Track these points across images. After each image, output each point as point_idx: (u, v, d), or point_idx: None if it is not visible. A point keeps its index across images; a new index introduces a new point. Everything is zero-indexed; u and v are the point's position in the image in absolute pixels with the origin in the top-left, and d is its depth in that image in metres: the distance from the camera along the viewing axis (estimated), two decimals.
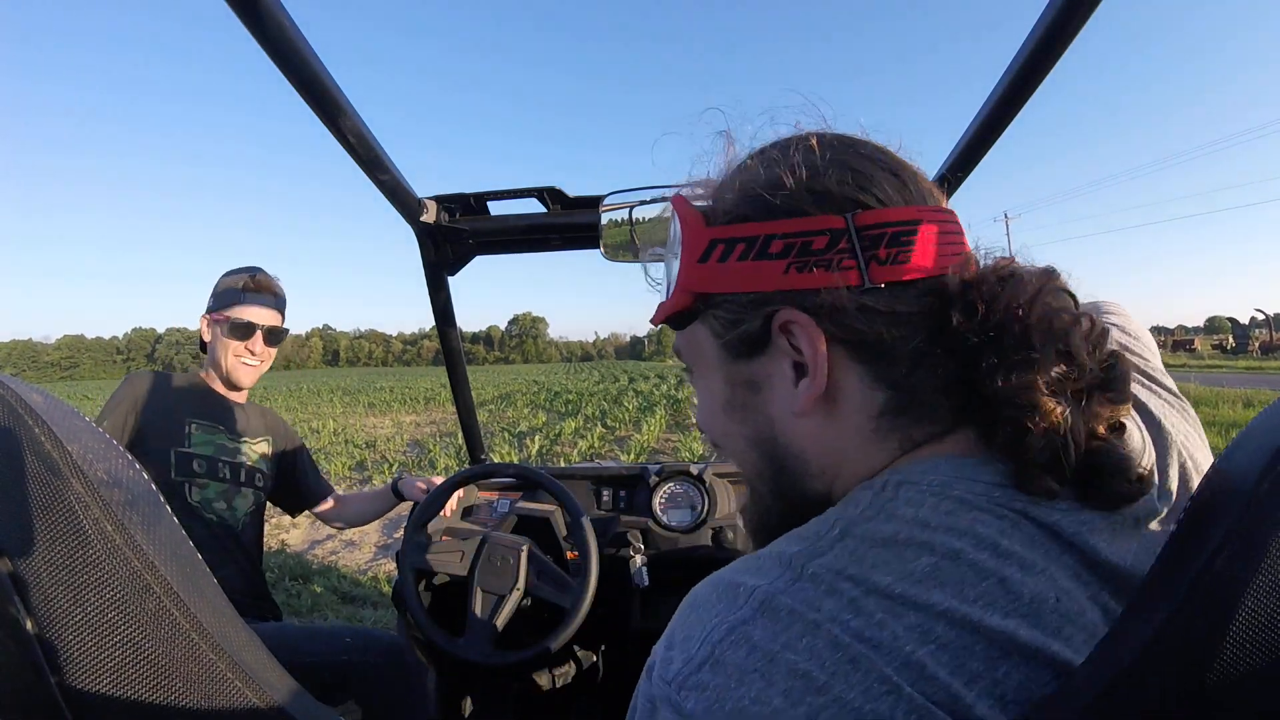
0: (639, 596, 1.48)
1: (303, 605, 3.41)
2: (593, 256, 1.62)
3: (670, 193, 0.46)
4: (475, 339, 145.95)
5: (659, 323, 0.46)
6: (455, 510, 1.61)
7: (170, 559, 0.42)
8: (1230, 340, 44.70)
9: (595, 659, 1.75)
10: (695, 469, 1.60)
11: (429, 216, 1.25)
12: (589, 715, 1.74)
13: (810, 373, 0.39)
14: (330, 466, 7.71)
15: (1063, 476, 0.35)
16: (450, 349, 1.59)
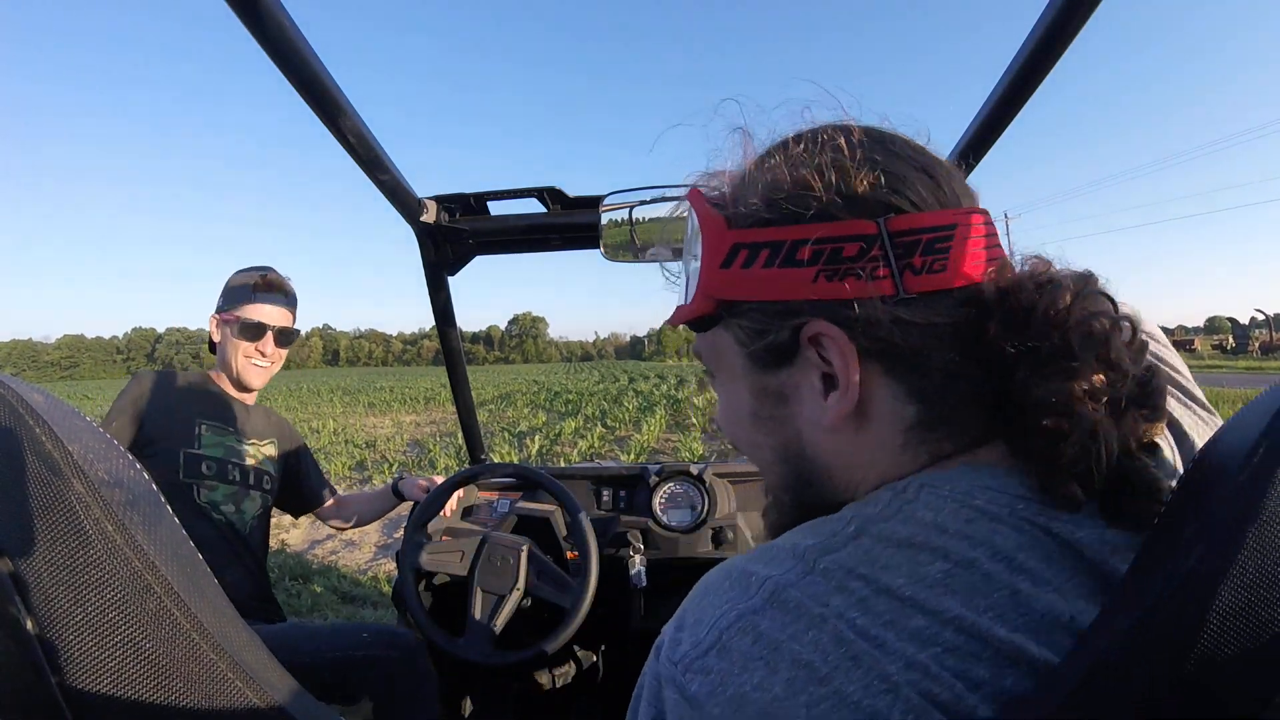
0: (639, 596, 1.48)
1: (303, 605, 3.40)
2: (593, 256, 1.62)
3: (672, 192, 0.45)
4: (475, 339, 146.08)
5: (678, 325, 0.45)
6: (455, 510, 1.61)
7: (171, 559, 0.42)
8: (1230, 340, 44.72)
9: (595, 659, 1.76)
10: (695, 469, 1.60)
11: (429, 216, 1.25)
12: (589, 715, 1.74)
13: (841, 387, 0.38)
14: (330, 466, 7.70)
15: (1090, 487, 0.34)
16: (450, 349, 1.59)
